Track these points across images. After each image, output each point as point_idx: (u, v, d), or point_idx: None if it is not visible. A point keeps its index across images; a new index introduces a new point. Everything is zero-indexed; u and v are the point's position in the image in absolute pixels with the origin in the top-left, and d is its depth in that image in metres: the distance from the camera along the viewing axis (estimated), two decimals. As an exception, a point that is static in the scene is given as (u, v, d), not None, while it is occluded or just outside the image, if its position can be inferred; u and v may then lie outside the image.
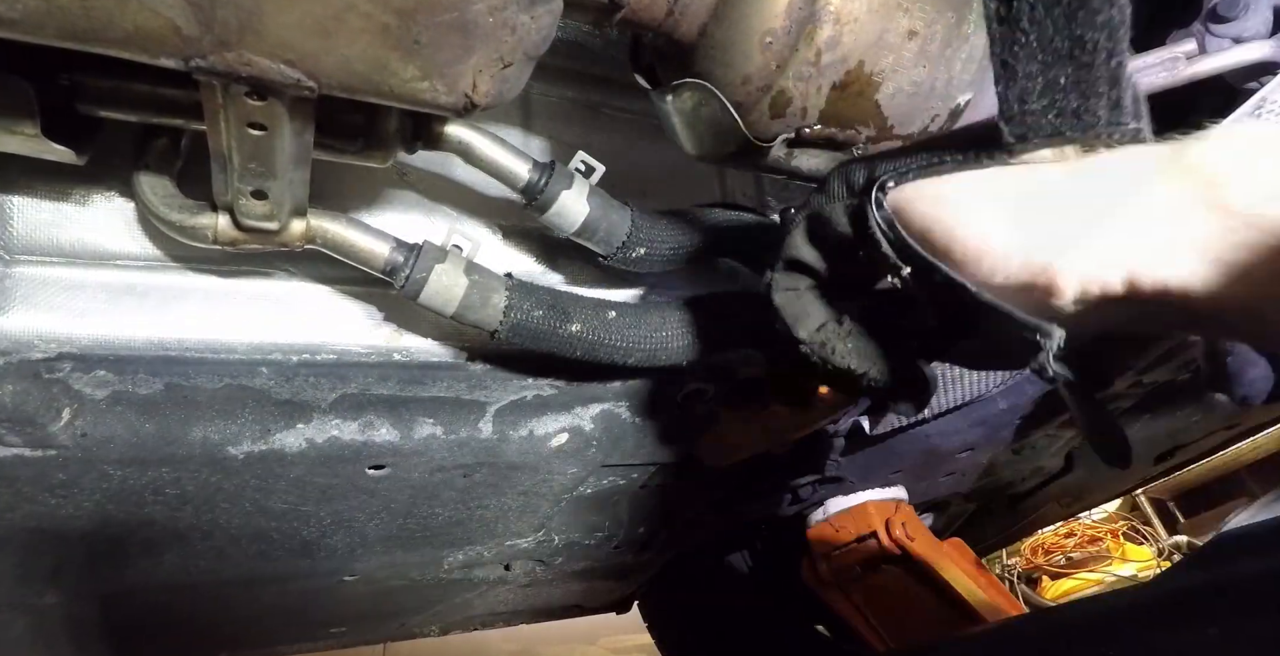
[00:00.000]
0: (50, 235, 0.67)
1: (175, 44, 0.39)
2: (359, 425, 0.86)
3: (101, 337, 0.69)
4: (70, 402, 0.72)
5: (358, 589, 1.28)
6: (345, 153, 0.62)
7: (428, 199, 0.79)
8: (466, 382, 0.86)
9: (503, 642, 4.12)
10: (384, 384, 0.82)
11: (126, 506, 0.86)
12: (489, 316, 0.70)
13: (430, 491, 1.01)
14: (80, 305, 0.68)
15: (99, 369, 0.71)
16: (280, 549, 1.05)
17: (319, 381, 0.79)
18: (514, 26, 0.44)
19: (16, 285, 0.66)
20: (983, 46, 0.64)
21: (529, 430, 0.96)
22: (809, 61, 0.57)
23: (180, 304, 0.72)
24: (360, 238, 0.66)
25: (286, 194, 0.57)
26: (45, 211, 0.66)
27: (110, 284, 0.69)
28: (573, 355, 0.75)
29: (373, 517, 1.04)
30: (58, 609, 1.06)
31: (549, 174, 0.68)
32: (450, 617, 1.67)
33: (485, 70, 0.46)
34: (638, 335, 0.76)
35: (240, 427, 0.81)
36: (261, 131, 0.48)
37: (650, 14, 0.57)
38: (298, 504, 0.95)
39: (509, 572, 1.43)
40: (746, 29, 0.56)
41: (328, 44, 0.41)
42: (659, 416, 1.04)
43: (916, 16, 0.58)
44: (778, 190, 0.98)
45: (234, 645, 1.47)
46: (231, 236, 0.62)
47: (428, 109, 0.48)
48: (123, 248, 0.69)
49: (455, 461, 0.95)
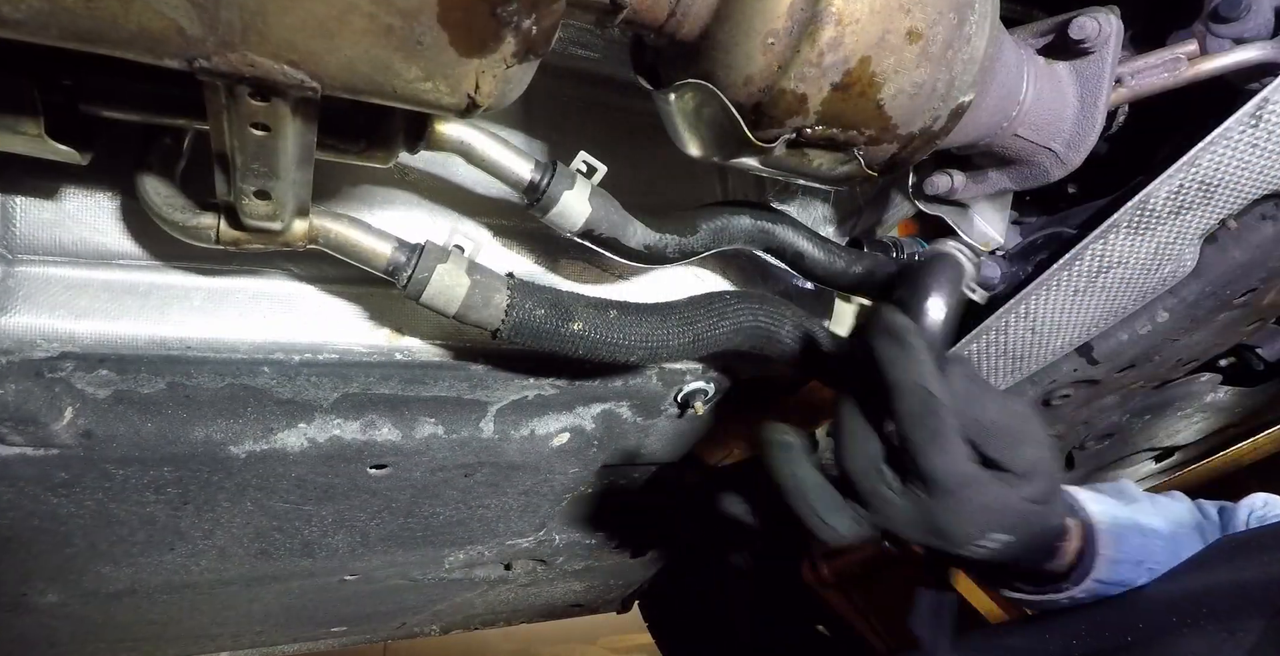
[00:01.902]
0: (53, 235, 0.67)
1: (179, 45, 0.39)
2: (360, 424, 0.86)
3: (104, 337, 0.69)
4: (72, 402, 0.72)
5: (359, 588, 1.29)
6: (348, 153, 0.62)
7: (430, 199, 0.79)
8: (468, 382, 0.86)
9: (503, 642, 4.12)
10: (385, 383, 0.83)
11: (128, 505, 0.86)
12: (491, 316, 0.70)
13: (431, 491, 1.01)
14: (82, 304, 0.68)
15: (101, 368, 0.71)
16: (281, 548, 1.06)
17: (321, 381, 0.80)
18: (517, 27, 0.44)
19: (19, 284, 0.66)
20: (983, 47, 0.64)
21: (530, 430, 0.96)
22: (811, 62, 0.57)
23: (182, 303, 0.72)
24: (363, 238, 0.66)
25: (289, 194, 0.57)
26: (48, 211, 0.66)
27: (112, 283, 0.69)
28: (574, 354, 0.75)
29: (374, 517, 1.04)
30: (59, 608, 1.06)
31: (551, 174, 0.69)
32: (451, 617, 1.67)
33: (488, 71, 0.46)
34: (639, 333, 0.76)
35: (242, 427, 0.81)
36: (264, 132, 0.48)
37: (652, 15, 0.57)
38: (299, 503, 0.95)
39: (510, 572, 1.43)
40: (748, 30, 0.56)
41: (331, 45, 0.41)
42: (659, 416, 1.04)
43: (918, 17, 0.58)
44: (779, 190, 0.98)
45: (235, 644, 1.47)
46: (234, 236, 0.62)
47: (430, 110, 0.48)
48: (125, 247, 0.69)
49: (456, 461, 0.95)
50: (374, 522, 1.06)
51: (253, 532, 0.99)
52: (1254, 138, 0.76)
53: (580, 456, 1.04)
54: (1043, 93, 0.76)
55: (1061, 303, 0.91)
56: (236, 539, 1.00)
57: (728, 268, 0.97)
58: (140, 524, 0.90)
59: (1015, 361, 0.99)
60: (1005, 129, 0.77)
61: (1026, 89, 0.75)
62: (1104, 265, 0.86)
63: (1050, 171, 0.81)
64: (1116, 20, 0.75)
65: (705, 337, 0.80)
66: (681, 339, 0.78)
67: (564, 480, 1.09)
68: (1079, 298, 0.90)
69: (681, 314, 0.79)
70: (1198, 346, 1.10)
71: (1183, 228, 0.84)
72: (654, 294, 0.89)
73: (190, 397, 0.76)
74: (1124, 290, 0.91)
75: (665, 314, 0.78)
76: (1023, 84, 0.75)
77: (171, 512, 0.90)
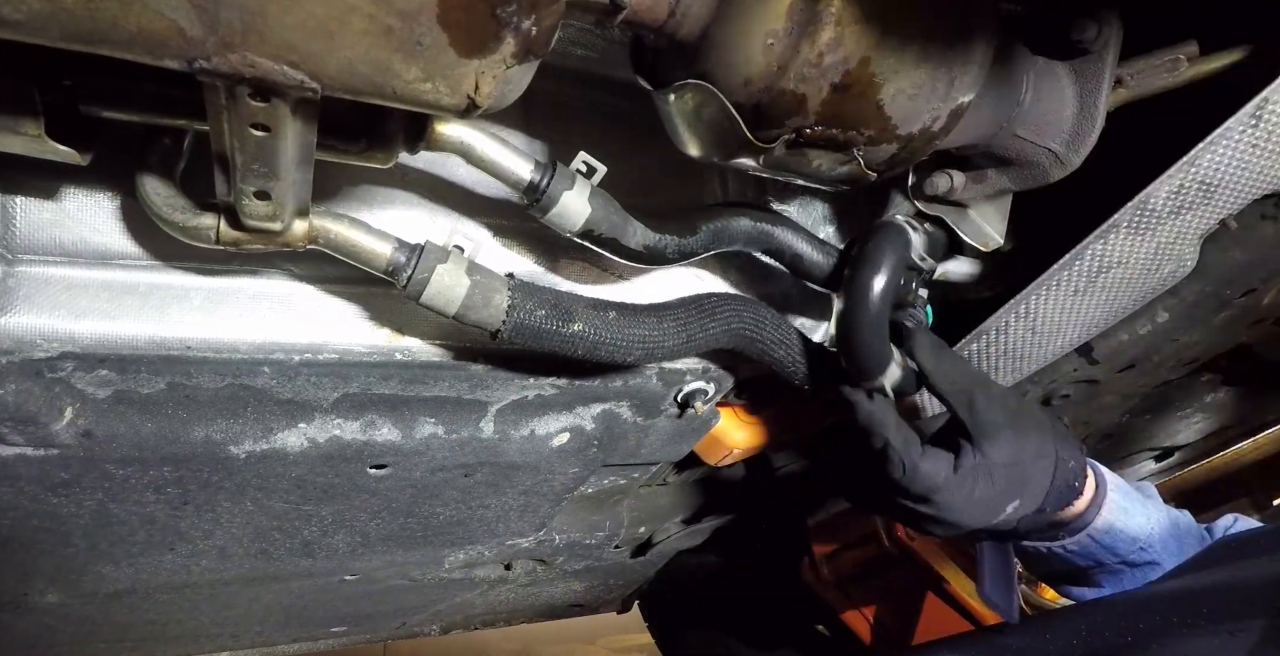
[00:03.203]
0: (53, 235, 0.67)
1: (179, 46, 0.39)
2: (360, 424, 0.86)
3: (104, 337, 0.69)
4: (73, 402, 0.72)
5: (359, 588, 1.29)
6: (348, 153, 0.62)
7: (430, 199, 0.79)
8: (468, 382, 0.86)
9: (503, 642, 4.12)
10: (385, 383, 0.83)
11: (128, 505, 0.86)
12: (491, 317, 0.71)
13: (431, 491, 1.01)
14: (82, 305, 0.68)
15: (101, 368, 0.71)
16: (281, 548, 1.06)
17: (321, 381, 0.80)
18: (517, 28, 0.44)
19: (19, 285, 0.66)
20: (983, 48, 0.64)
21: (530, 430, 0.96)
22: (810, 63, 0.57)
23: (182, 304, 0.72)
24: (363, 238, 0.66)
25: (289, 194, 0.57)
26: (48, 211, 0.66)
27: (112, 283, 0.69)
28: (574, 354, 0.75)
29: (374, 517, 1.04)
30: (59, 608, 1.06)
31: (550, 174, 0.69)
32: (451, 617, 1.67)
33: (488, 72, 0.46)
34: (637, 334, 0.77)
35: (242, 427, 0.81)
36: (265, 132, 0.48)
37: (652, 15, 0.57)
38: (299, 503, 0.95)
39: (510, 572, 1.43)
40: (748, 30, 0.56)
41: (331, 45, 0.41)
42: (659, 416, 1.04)
43: (917, 17, 0.58)
44: (778, 191, 0.98)
45: (235, 644, 1.47)
46: (234, 237, 0.62)
47: (430, 110, 0.48)
48: (125, 247, 0.69)
49: (456, 461, 0.95)
50: (374, 522, 1.06)
51: (253, 532, 0.99)
52: (1254, 138, 0.76)
53: (580, 456, 1.04)
54: (1042, 93, 0.76)
55: (1061, 302, 0.91)
56: (236, 539, 1.00)
57: (728, 268, 0.97)
58: (140, 524, 0.90)
59: (1015, 361, 0.99)
60: (1005, 129, 0.77)
61: (1026, 89, 0.75)
62: (1104, 265, 0.86)
63: (1050, 171, 0.81)
64: (1116, 20, 0.75)
65: (698, 338, 0.82)
66: (676, 339, 0.80)
67: (564, 480, 1.09)
68: (1079, 298, 0.90)
69: (675, 315, 0.81)
70: (1198, 346, 1.10)
71: (1183, 227, 0.84)
72: (654, 294, 0.89)
73: (190, 397, 0.76)
74: (1124, 290, 0.91)
75: (661, 315, 0.80)
76: (1022, 84, 0.75)
77: (171, 512, 0.90)
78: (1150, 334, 1.01)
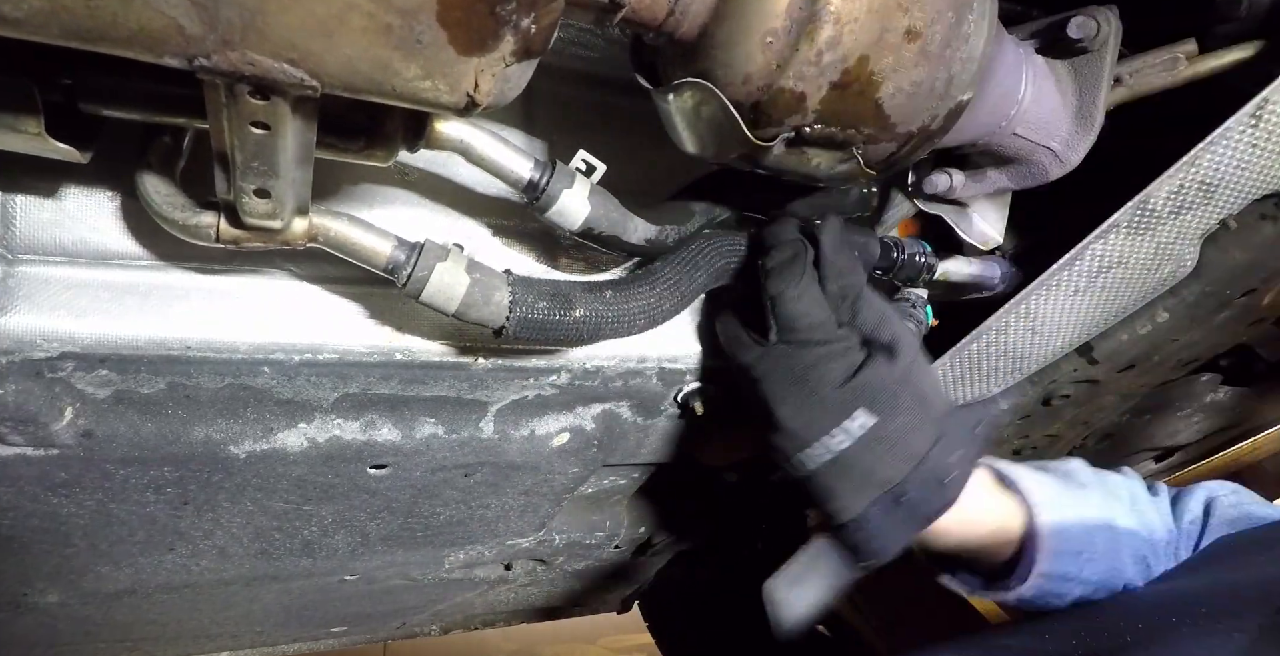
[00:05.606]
0: (52, 234, 0.67)
1: (179, 43, 0.39)
2: (360, 424, 0.86)
3: (104, 337, 0.69)
4: (73, 402, 0.72)
5: (359, 588, 1.29)
6: (348, 151, 0.62)
7: (429, 198, 0.80)
8: (468, 382, 0.86)
9: (503, 642, 4.12)
10: (385, 383, 0.83)
11: (128, 505, 0.86)
12: (493, 314, 0.71)
13: (431, 491, 1.01)
14: (82, 304, 0.68)
15: (101, 368, 0.71)
16: (281, 548, 1.06)
17: (320, 381, 0.80)
18: (516, 26, 0.44)
19: (19, 284, 0.66)
20: (982, 46, 0.64)
21: (530, 429, 0.96)
22: (809, 61, 0.57)
23: (182, 303, 0.72)
24: (362, 236, 0.66)
25: (289, 193, 0.57)
26: (47, 210, 0.66)
27: (112, 283, 0.69)
28: (579, 340, 0.76)
29: (374, 517, 1.04)
30: (59, 608, 1.06)
31: (550, 173, 0.69)
32: (451, 617, 1.67)
33: (487, 70, 0.46)
34: (636, 306, 0.77)
35: (242, 427, 0.81)
36: (264, 130, 0.48)
37: (651, 14, 0.57)
38: (299, 503, 0.95)
39: (510, 572, 1.43)
40: (747, 29, 0.57)
41: (330, 43, 0.41)
42: (659, 416, 1.04)
43: (916, 16, 0.58)
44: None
45: (235, 644, 1.47)
46: (233, 235, 0.62)
47: (430, 108, 0.48)
48: (125, 247, 0.69)
49: (456, 461, 0.95)
50: (374, 522, 1.06)
51: (253, 532, 0.99)
52: (1254, 138, 0.76)
53: (580, 456, 1.04)
54: (1041, 91, 0.76)
55: (1061, 302, 0.91)
56: (236, 539, 1.00)
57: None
58: (140, 524, 0.90)
59: (1015, 361, 0.99)
60: (1004, 128, 0.77)
61: (1025, 87, 0.75)
62: (1104, 265, 0.86)
63: (1049, 170, 0.81)
64: (1116, 19, 0.75)
65: (688, 292, 0.82)
66: (671, 300, 0.80)
67: (564, 480, 1.09)
68: (1079, 297, 0.90)
69: (665, 277, 0.81)
70: (1198, 346, 1.10)
71: (1183, 227, 0.84)
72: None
73: (190, 397, 0.76)
74: (1124, 290, 0.91)
75: (652, 281, 0.80)
76: (1021, 82, 0.75)
77: (171, 513, 0.90)
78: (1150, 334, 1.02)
